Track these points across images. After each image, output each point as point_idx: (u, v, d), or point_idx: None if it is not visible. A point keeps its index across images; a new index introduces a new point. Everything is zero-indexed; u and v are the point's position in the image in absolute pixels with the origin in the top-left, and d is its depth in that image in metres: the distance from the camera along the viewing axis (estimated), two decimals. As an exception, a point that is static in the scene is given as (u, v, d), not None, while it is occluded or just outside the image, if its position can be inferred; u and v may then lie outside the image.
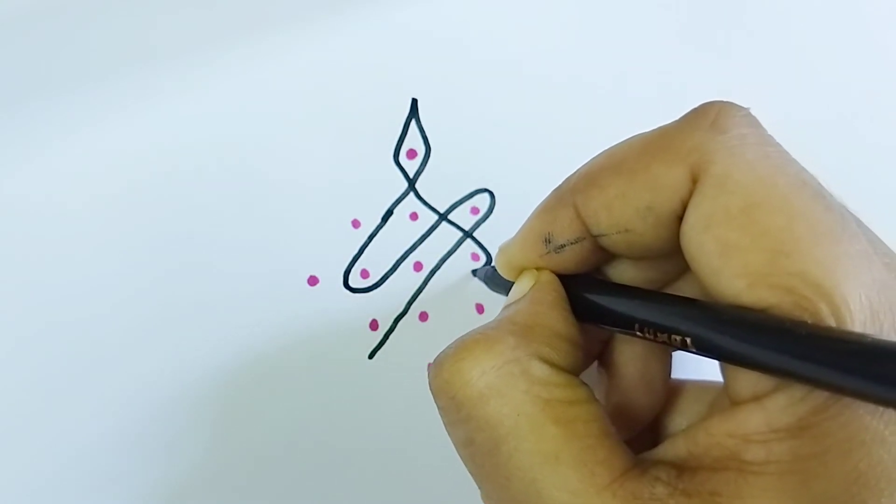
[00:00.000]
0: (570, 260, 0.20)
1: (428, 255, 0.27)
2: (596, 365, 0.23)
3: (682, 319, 0.17)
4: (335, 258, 0.26)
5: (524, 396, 0.17)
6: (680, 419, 0.22)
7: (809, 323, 0.15)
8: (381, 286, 0.27)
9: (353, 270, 0.26)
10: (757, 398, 0.16)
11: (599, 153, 0.19)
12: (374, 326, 0.27)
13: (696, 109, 0.18)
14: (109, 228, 0.24)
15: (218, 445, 0.25)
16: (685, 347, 0.17)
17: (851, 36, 0.32)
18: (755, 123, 0.17)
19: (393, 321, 0.27)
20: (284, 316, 0.26)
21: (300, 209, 0.26)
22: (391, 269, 0.27)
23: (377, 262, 0.26)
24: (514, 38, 0.28)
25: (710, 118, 0.17)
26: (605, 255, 0.20)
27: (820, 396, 0.15)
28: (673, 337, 0.17)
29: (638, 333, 0.18)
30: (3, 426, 0.23)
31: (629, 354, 0.22)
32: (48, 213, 0.24)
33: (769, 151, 0.16)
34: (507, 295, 0.22)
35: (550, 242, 0.20)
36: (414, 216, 0.27)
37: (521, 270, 0.21)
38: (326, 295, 0.26)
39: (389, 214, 0.26)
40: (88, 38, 0.24)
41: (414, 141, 0.27)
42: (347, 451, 0.27)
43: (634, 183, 0.18)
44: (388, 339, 0.27)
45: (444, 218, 0.27)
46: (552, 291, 0.20)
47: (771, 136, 0.17)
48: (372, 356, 0.27)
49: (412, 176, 0.27)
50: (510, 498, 0.17)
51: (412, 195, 0.27)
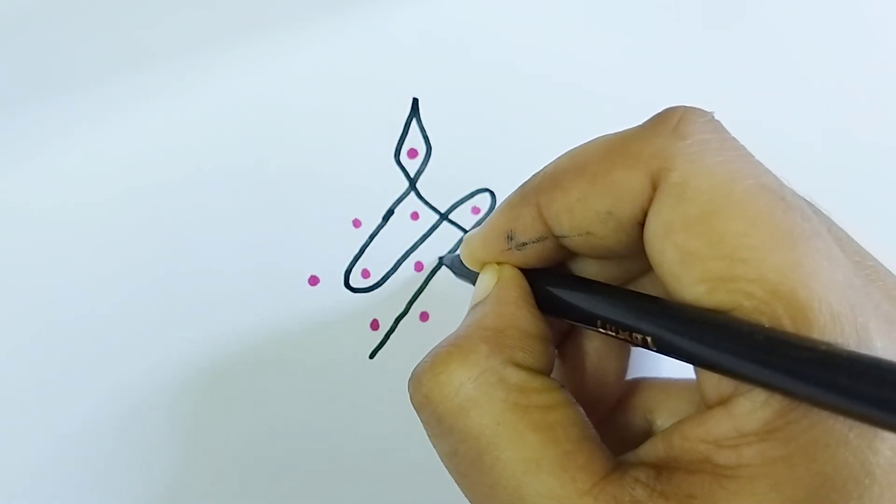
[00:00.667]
0: (532, 257, 0.20)
1: (429, 254, 0.27)
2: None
3: (643, 318, 0.17)
4: (336, 258, 0.26)
5: (502, 405, 0.18)
6: (668, 418, 0.22)
7: (767, 327, 0.15)
8: (381, 286, 0.27)
9: (353, 270, 0.26)
10: (723, 402, 0.16)
11: (565, 153, 0.19)
12: (374, 326, 0.27)
13: (659, 114, 0.18)
14: (109, 228, 0.24)
15: (218, 445, 0.25)
16: (646, 346, 0.17)
17: (851, 37, 0.32)
18: (718, 128, 0.17)
19: (394, 321, 0.27)
20: (285, 316, 0.26)
21: (301, 209, 0.26)
22: (392, 268, 0.27)
23: (378, 261, 0.26)
24: (515, 37, 0.28)
25: (671, 124, 0.17)
26: (568, 252, 0.20)
27: (783, 400, 0.15)
28: (634, 335, 0.17)
29: (600, 330, 0.19)
30: (4, 423, 0.23)
31: (587, 347, 0.23)
32: (48, 213, 0.23)
33: (729, 156, 0.16)
34: (472, 283, 0.22)
35: (513, 239, 0.20)
36: (415, 216, 0.27)
37: (484, 263, 0.21)
38: (327, 295, 0.26)
39: (390, 214, 0.27)
40: (88, 38, 0.24)
41: (415, 140, 0.27)
42: (348, 450, 0.27)
43: (596, 187, 0.18)
44: (388, 338, 0.27)
45: (444, 218, 0.27)
46: (516, 288, 0.20)
47: (734, 139, 0.17)
48: (373, 356, 0.27)
49: (413, 175, 0.27)
50: None
51: (413, 195, 0.27)
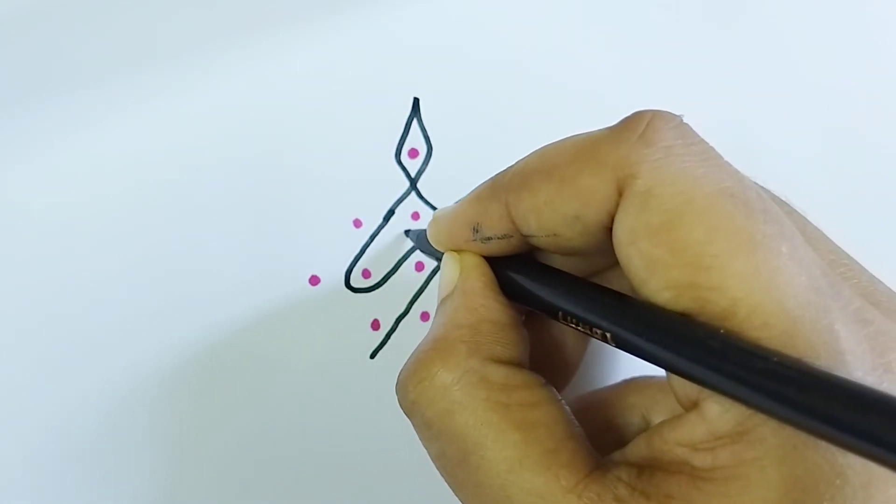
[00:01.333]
0: (496, 249, 0.21)
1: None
2: None
3: (604, 314, 0.18)
4: (337, 258, 0.26)
5: (485, 404, 0.18)
6: (665, 416, 0.22)
7: (723, 333, 0.15)
8: (382, 286, 0.27)
9: (354, 270, 0.26)
10: (694, 405, 0.16)
11: (536, 150, 0.19)
12: (375, 326, 0.27)
13: (627, 118, 0.18)
14: (109, 228, 0.24)
15: (218, 445, 0.25)
16: (606, 341, 0.17)
17: (851, 36, 0.32)
18: (684, 133, 0.17)
19: (395, 321, 0.27)
20: (286, 316, 0.26)
21: (301, 209, 0.26)
22: (393, 268, 0.27)
23: (379, 261, 0.26)
24: (515, 37, 0.28)
25: (638, 129, 0.17)
26: (533, 247, 0.20)
27: None
28: (594, 329, 0.18)
29: (561, 321, 0.19)
30: (3, 421, 0.23)
31: (545, 331, 0.23)
32: (48, 213, 0.23)
33: (693, 163, 0.17)
34: (436, 260, 0.22)
35: (478, 232, 0.20)
36: (416, 216, 0.27)
37: (448, 247, 0.22)
38: (328, 295, 0.26)
39: (391, 214, 0.26)
40: (89, 38, 0.24)
41: (416, 140, 0.27)
42: (349, 450, 0.27)
43: (563, 191, 0.18)
44: (389, 338, 0.27)
45: (445, 217, 0.27)
46: (480, 277, 0.20)
47: (701, 143, 0.17)
48: (374, 356, 0.27)
49: (414, 175, 0.27)
50: None
51: (414, 194, 0.27)
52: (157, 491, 0.25)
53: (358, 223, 0.26)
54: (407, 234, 0.27)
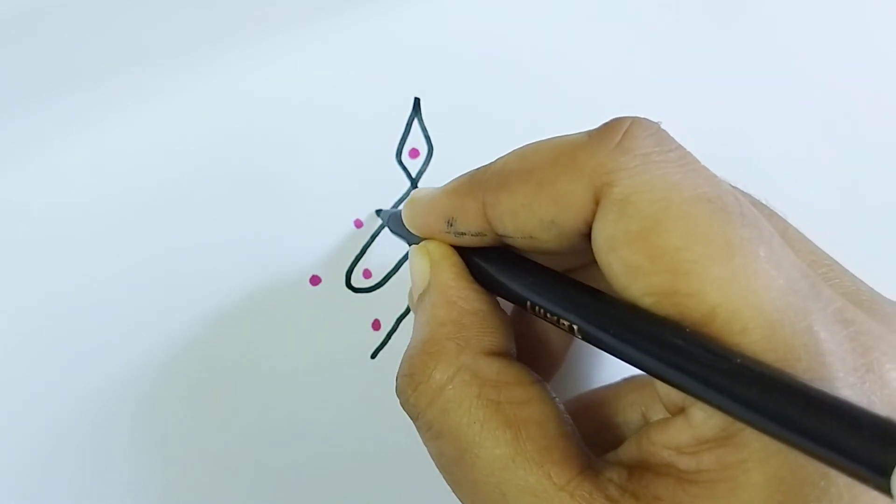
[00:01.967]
0: (469, 244, 0.21)
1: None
2: None
3: (570, 306, 0.18)
4: (337, 258, 0.26)
5: (477, 401, 0.18)
6: (663, 414, 0.22)
7: (689, 333, 0.15)
8: (383, 286, 0.27)
9: (355, 270, 0.26)
10: (679, 409, 0.17)
11: (515, 150, 0.19)
12: (376, 326, 0.27)
13: (605, 125, 0.18)
14: (109, 228, 0.24)
15: (219, 445, 0.25)
16: (573, 333, 0.18)
17: (852, 36, 0.32)
18: (662, 140, 0.17)
19: (395, 321, 0.27)
20: (286, 316, 0.26)
21: (302, 209, 0.26)
22: (393, 268, 0.27)
23: (379, 261, 0.26)
24: (516, 37, 0.28)
25: (616, 137, 0.17)
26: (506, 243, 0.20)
27: None
28: (562, 321, 0.18)
29: (529, 311, 0.19)
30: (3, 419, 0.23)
31: (528, 325, 0.23)
32: (48, 213, 0.23)
33: (670, 169, 0.17)
34: (406, 242, 0.23)
35: (452, 226, 0.20)
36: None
37: (422, 233, 0.22)
38: (328, 295, 0.26)
39: (392, 214, 0.26)
40: (88, 38, 0.24)
41: (416, 140, 0.27)
42: (350, 450, 0.27)
43: (541, 196, 0.18)
44: (390, 338, 0.27)
45: (446, 217, 0.27)
46: (451, 268, 0.21)
47: (678, 150, 0.17)
48: (374, 356, 0.27)
49: (415, 175, 0.27)
50: (481, 502, 0.18)
51: (415, 195, 0.27)
52: (157, 491, 0.25)
53: (359, 223, 0.26)
54: (378, 213, 0.26)
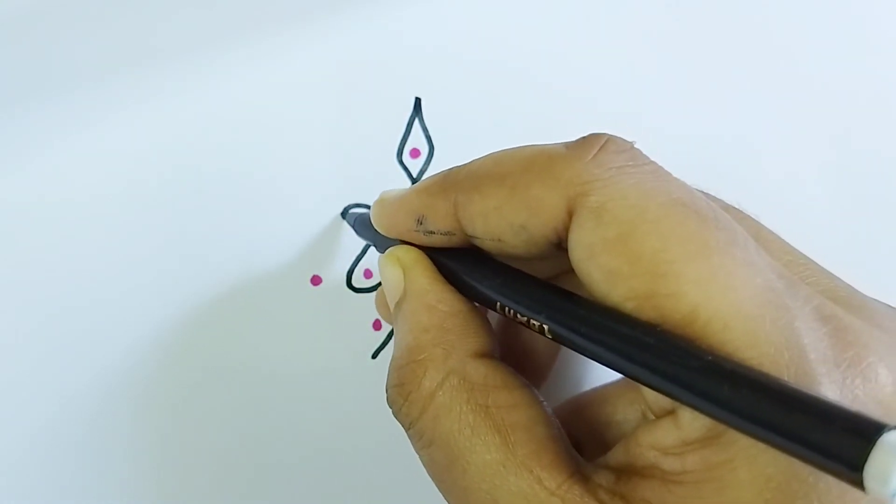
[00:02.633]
0: (437, 243, 0.21)
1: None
2: None
3: (540, 306, 0.18)
4: (338, 258, 0.26)
5: (466, 406, 0.18)
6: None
7: (661, 331, 0.15)
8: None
9: (356, 270, 0.26)
10: (666, 412, 0.17)
11: (491, 154, 0.20)
12: (377, 326, 0.27)
13: (583, 138, 0.18)
14: (109, 228, 0.24)
15: (219, 445, 0.25)
16: (543, 333, 0.18)
17: (854, 39, 0.32)
18: (635, 156, 0.18)
19: (396, 321, 0.27)
20: (287, 316, 0.26)
21: (303, 209, 0.26)
22: (394, 268, 0.27)
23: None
24: (517, 37, 0.28)
25: (592, 150, 0.18)
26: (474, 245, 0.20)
27: None
28: (532, 321, 0.18)
29: (499, 312, 0.19)
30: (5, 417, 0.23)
31: (514, 334, 0.23)
32: (48, 213, 0.23)
33: (642, 179, 0.17)
34: (373, 244, 0.23)
35: (422, 224, 0.21)
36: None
37: (390, 233, 0.22)
38: (329, 295, 0.26)
39: (393, 214, 0.26)
40: (88, 37, 0.24)
41: (417, 140, 0.27)
42: (350, 450, 0.27)
43: (513, 200, 0.18)
44: (391, 338, 0.27)
45: (447, 217, 0.27)
46: (424, 273, 0.21)
47: (651, 164, 0.18)
48: (375, 356, 0.27)
49: (415, 175, 0.27)
50: None
51: (415, 195, 0.27)
52: (157, 491, 0.25)
53: (360, 223, 0.26)
54: (343, 215, 0.26)
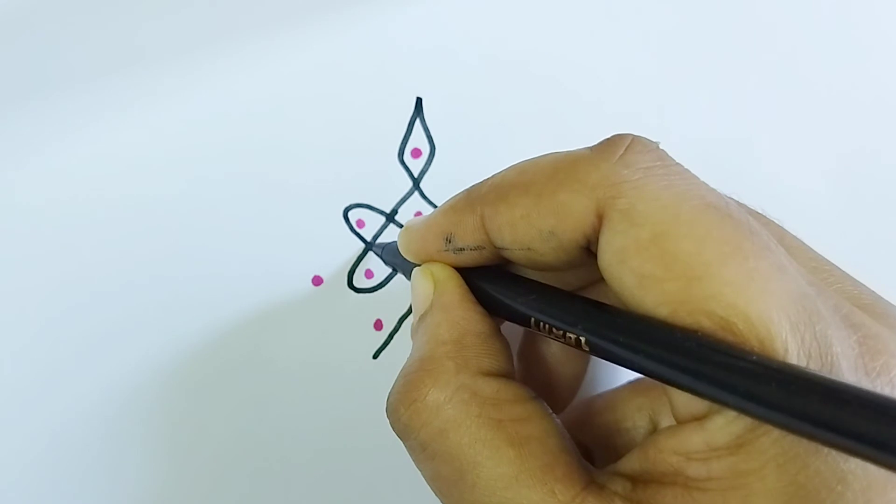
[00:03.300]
0: (467, 261, 0.21)
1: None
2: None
3: (576, 318, 0.18)
4: (339, 258, 0.26)
5: (478, 421, 0.18)
6: (671, 418, 0.22)
7: (700, 335, 0.15)
8: (385, 286, 0.26)
9: (357, 270, 0.26)
10: (697, 419, 0.16)
11: (513, 165, 0.19)
12: (378, 326, 0.27)
13: (607, 140, 0.18)
14: (110, 229, 0.24)
15: (220, 445, 0.25)
16: (580, 347, 0.17)
17: (857, 39, 0.31)
18: (662, 157, 0.18)
19: (398, 321, 0.27)
20: (288, 316, 0.26)
21: (304, 209, 0.25)
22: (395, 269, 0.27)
23: (381, 261, 0.26)
24: (518, 36, 0.28)
25: (618, 151, 0.17)
26: (504, 260, 0.20)
27: None
28: (568, 335, 0.18)
29: (534, 329, 0.19)
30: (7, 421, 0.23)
31: (541, 354, 0.23)
32: (48, 213, 0.23)
33: (673, 181, 0.17)
34: (403, 274, 0.23)
35: (451, 242, 0.20)
36: (419, 216, 0.27)
37: (420, 257, 0.22)
38: (330, 295, 0.26)
39: (394, 214, 0.26)
40: (89, 37, 0.24)
41: (419, 140, 0.26)
42: (351, 450, 0.27)
43: (540, 206, 0.18)
44: (392, 338, 0.27)
45: (448, 217, 0.27)
46: (456, 289, 0.20)
47: (678, 165, 0.18)
48: (376, 356, 0.27)
49: (417, 175, 0.27)
50: None
51: (417, 194, 0.27)
52: (157, 491, 0.25)
53: (361, 223, 0.26)
54: (370, 247, 0.26)
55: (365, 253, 0.26)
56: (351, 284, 0.26)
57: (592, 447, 0.22)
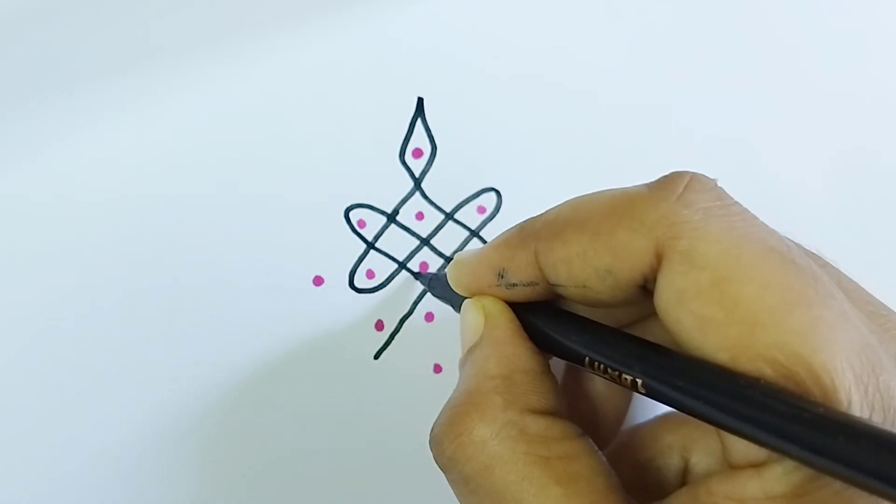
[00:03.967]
0: (519, 296, 0.20)
1: (434, 255, 0.27)
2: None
3: (634, 360, 0.17)
4: (340, 258, 0.26)
5: (525, 458, 0.18)
6: (704, 456, 0.22)
7: (764, 384, 0.15)
8: (386, 286, 0.26)
9: (358, 270, 0.26)
10: (754, 465, 0.16)
11: (568, 201, 0.19)
12: (379, 327, 0.27)
13: (664, 178, 0.18)
14: (111, 229, 0.24)
15: (221, 445, 0.25)
16: (636, 389, 0.17)
17: (861, 39, 0.31)
18: (721, 195, 0.17)
19: (398, 322, 0.27)
20: (289, 316, 0.26)
21: (305, 209, 0.25)
22: (397, 269, 0.27)
23: (383, 262, 0.26)
24: (520, 35, 0.28)
25: (677, 190, 0.17)
26: (556, 295, 0.20)
27: None
28: (623, 376, 0.17)
29: (588, 368, 0.18)
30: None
31: (587, 386, 0.23)
32: (48, 213, 0.23)
33: (734, 222, 0.17)
34: (451, 305, 0.23)
35: (503, 278, 0.20)
36: (420, 216, 0.27)
37: (471, 291, 0.21)
38: (331, 295, 0.26)
39: (395, 214, 0.26)
40: (89, 37, 0.24)
41: (420, 140, 0.26)
42: (352, 451, 0.27)
43: (597, 244, 0.18)
44: (393, 339, 0.27)
45: (450, 217, 0.27)
46: (508, 325, 0.20)
47: (737, 204, 0.17)
48: (377, 356, 0.27)
49: (418, 175, 0.27)
50: None
51: (418, 194, 0.27)
52: (159, 491, 0.25)
53: (362, 223, 0.26)
54: (417, 277, 0.26)
55: (366, 253, 0.26)
56: (352, 285, 0.26)
57: (624, 484, 0.22)
